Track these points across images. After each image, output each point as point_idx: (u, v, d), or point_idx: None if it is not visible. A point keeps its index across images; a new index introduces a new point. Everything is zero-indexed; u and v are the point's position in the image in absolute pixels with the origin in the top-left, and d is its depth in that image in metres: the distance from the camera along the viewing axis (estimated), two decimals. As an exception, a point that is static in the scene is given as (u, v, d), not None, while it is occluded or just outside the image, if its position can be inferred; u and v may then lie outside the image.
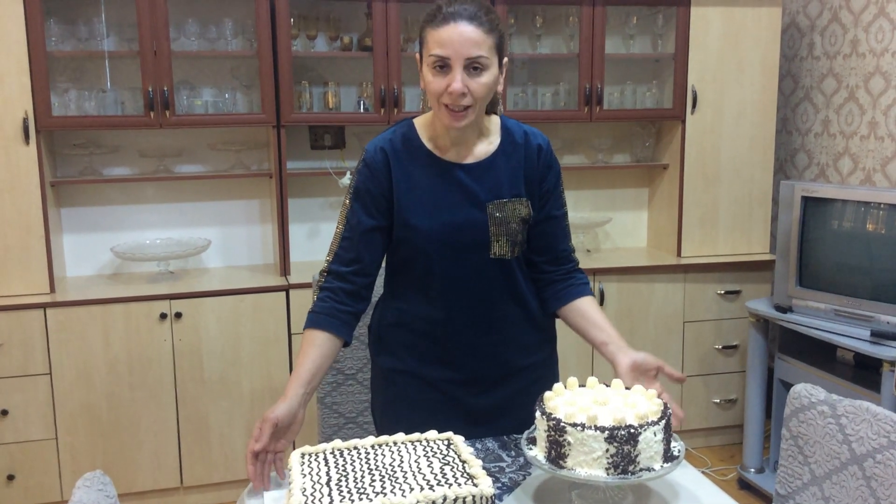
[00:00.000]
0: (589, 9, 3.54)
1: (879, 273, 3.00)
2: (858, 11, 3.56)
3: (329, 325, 1.79)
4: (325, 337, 1.78)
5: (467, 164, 1.84)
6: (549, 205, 1.90)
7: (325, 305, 1.81)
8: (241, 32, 3.43)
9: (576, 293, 1.92)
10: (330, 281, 1.83)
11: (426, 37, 1.73)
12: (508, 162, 1.85)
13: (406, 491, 1.38)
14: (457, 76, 1.69)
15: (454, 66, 1.69)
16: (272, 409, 1.66)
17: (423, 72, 1.76)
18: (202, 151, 3.63)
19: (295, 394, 1.70)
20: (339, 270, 1.83)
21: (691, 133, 3.71)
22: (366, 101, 3.55)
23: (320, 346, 1.77)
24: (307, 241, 3.77)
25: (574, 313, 1.91)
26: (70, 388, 3.15)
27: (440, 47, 1.69)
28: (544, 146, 1.89)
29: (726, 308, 3.75)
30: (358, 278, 1.83)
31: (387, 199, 1.82)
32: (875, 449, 1.48)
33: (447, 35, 1.68)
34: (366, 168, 1.84)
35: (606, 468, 1.42)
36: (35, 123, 3.11)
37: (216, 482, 3.36)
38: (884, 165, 3.47)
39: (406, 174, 1.82)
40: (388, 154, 1.83)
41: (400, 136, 1.86)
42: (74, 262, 3.56)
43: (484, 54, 1.69)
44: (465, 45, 1.68)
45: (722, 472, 3.63)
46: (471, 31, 1.68)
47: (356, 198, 1.84)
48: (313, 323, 1.79)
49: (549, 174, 1.89)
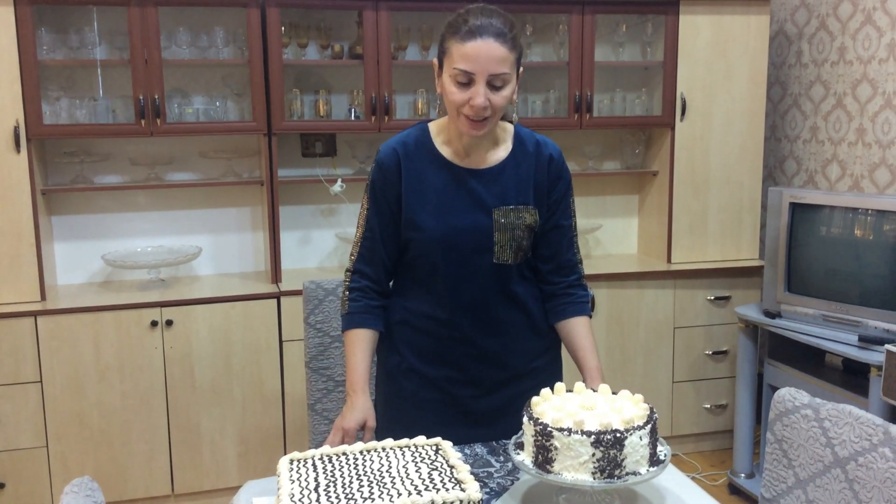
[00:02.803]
0: (578, 17, 3.56)
1: (867, 278, 3.02)
2: (846, 19, 3.60)
3: (367, 322, 1.91)
4: (366, 333, 1.91)
5: (477, 170, 1.88)
6: (558, 214, 1.94)
7: (359, 305, 1.92)
8: (233, 41, 3.44)
9: (571, 311, 1.96)
10: (356, 280, 1.93)
11: (450, 48, 1.74)
12: (518, 169, 1.89)
13: (394, 496, 1.39)
14: (480, 91, 1.72)
15: (478, 81, 1.72)
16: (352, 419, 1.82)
17: (444, 80, 1.78)
18: (193, 159, 3.63)
19: (364, 393, 1.86)
20: (364, 270, 1.93)
21: (681, 140, 3.73)
22: (357, 109, 3.56)
23: (366, 342, 1.90)
24: (298, 249, 3.78)
25: (564, 333, 1.98)
26: (61, 395, 3.15)
27: (465, 62, 1.71)
28: (556, 156, 1.92)
29: (716, 314, 3.76)
30: (381, 275, 1.94)
31: (398, 198, 1.87)
32: (857, 452, 1.50)
33: (473, 51, 1.70)
34: (378, 169, 1.90)
35: (593, 472, 1.43)
36: (26, 131, 3.12)
37: (207, 490, 3.36)
38: (871, 172, 3.50)
39: (416, 175, 1.86)
40: (400, 155, 1.88)
41: (413, 138, 1.91)
42: (65, 269, 3.56)
43: (507, 71, 1.73)
44: (490, 62, 1.70)
45: (712, 477, 3.64)
46: (497, 48, 1.70)
47: (372, 198, 1.91)
48: (354, 323, 1.91)
49: (558, 184, 1.93)
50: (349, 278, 1.94)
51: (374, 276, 1.92)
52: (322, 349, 2.43)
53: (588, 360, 1.90)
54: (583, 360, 1.91)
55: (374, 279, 1.93)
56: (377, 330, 1.93)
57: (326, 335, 2.43)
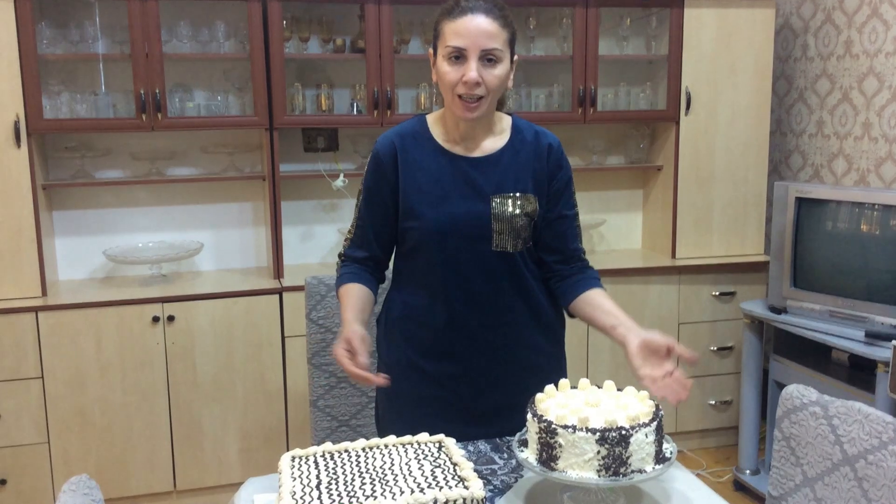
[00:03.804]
0: (582, 10, 3.53)
1: (874, 274, 2.99)
2: (852, 12, 3.57)
3: (359, 279, 1.91)
4: (358, 286, 1.89)
5: (474, 158, 1.87)
6: (560, 204, 1.92)
7: (351, 268, 1.94)
8: (234, 35, 3.42)
9: (586, 285, 1.92)
10: (348, 264, 1.95)
11: (442, 29, 1.78)
12: (516, 157, 1.88)
13: (396, 494, 1.37)
14: (472, 66, 1.74)
15: (470, 56, 1.74)
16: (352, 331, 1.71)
17: (438, 63, 1.80)
18: (195, 154, 3.62)
19: (354, 317, 1.78)
20: (355, 255, 1.95)
21: (685, 134, 3.71)
22: (359, 104, 3.54)
23: (357, 291, 1.88)
24: (300, 244, 3.76)
25: (583, 303, 1.90)
26: (62, 391, 3.14)
27: (457, 38, 1.74)
28: (555, 145, 1.92)
29: (721, 309, 3.74)
30: (371, 262, 1.96)
31: (393, 189, 1.87)
32: (867, 450, 1.48)
33: (464, 26, 1.74)
34: (374, 159, 1.90)
35: (598, 470, 1.41)
36: (27, 126, 3.10)
37: (209, 486, 3.34)
38: (878, 166, 3.47)
39: (413, 164, 1.86)
40: (397, 145, 1.88)
41: (410, 128, 1.91)
42: (66, 265, 3.54)
43: (498, 47, 1.75)
44: (481, 36, 1.73)
45: (717, 473, 3.62)
46: (487, 23, 1.74)
47: (366, 188, 1.92)
48: (344, 281, 1.91)
49: (559, 173, 1.91)
50: (341, 261, 1.98)
51: (364, 262, 1.95)
52: (324, 345, 2.41)
53: (618, 315, 1.79)
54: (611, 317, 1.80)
55: (363, 264, 1.95)
56: (369, 288, 1.92)
57: (329, 331, 2.41)
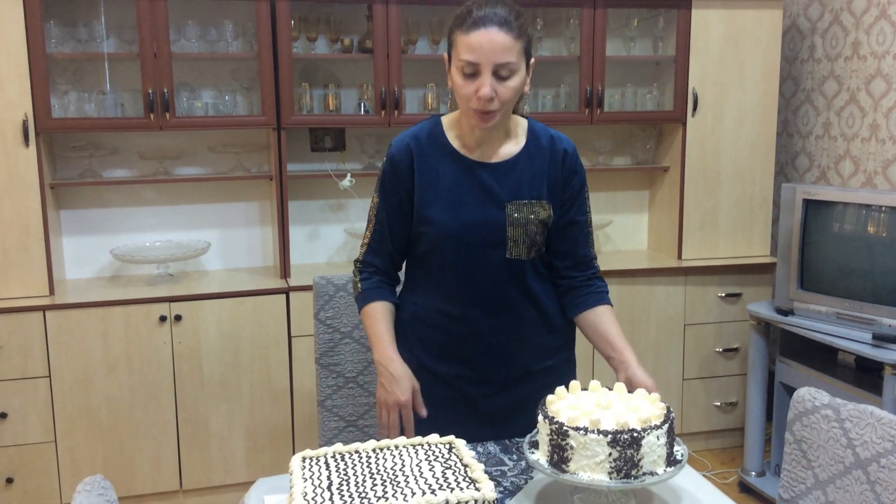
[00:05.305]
0: (590, 11, 3.53)
1: (881, 276, 2.99)
2: (860, 14, 3.56)
3: (384, 296, 1.94)
4: (384, 305, 1.93)
5: (490, 164, 1.86)
6: (573, 210, 1.91)
7: (372, 281, 1.95)
8: (242, 34, 3.43)
9: (593, 301, 1.92)
10: (366, 269, 1.96)
11: (456, 40, 1.74)
12: (532, 163, 1.87)
13: (408, 495, 1.37)
14: (486, 82, 1.70)
15: (483, 71, 1.71)
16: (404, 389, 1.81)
17: (452, 73, 1.78)
18: (202, 154, 3.62)
19: (400, 360, 1.86)
20: (373, 262, 1.95)
21: (692, 135, 3.70)
22: (366, 104, 3.54)
23: (386, 311, 1.92)
24: (307, 244, 3.76)
25: (587, 323, 1.92)
26: (69, 390, 3.14)
27: (470, 53, 1.70)
28: (570, 151, 1.91)
29: (727, 311, 3.74)
30: (389, 267, 1.97)
31: (409, 193, 1.87)
32: (879, 453, 1.47)
33: (477, 41, 1.69)
34: (390, 162, 1.89)
35: (609, 472, 1.41)
36: (35, 125, 3.10)
37: (216, 485, 3.35)
38: (885, 168, 3.47)
39: (428, 169, 1.86)
40: (413, 149, 1.87)
41: (426, 132, 1.90)
42: (74, 264, 3.55)
43: (513, 60, 1.71)
44: (494, 51, 1.69)
45: (723, 475, 3.62)
46: (501, 37, 1.69)
47: (382, 192, 1.91)
48: (370, 298, 1.93)
49: (573, 179, 1.91)
50: (357, 267, 1.98)
51: (383, 268, 1.96)
52: (332, 345, 2.41)
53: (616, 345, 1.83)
54: (609, 347, 1.84)
55: (382, 270, 1.96)
56: (393, 302, 1.95)
57: (337, 331, 2.41)
